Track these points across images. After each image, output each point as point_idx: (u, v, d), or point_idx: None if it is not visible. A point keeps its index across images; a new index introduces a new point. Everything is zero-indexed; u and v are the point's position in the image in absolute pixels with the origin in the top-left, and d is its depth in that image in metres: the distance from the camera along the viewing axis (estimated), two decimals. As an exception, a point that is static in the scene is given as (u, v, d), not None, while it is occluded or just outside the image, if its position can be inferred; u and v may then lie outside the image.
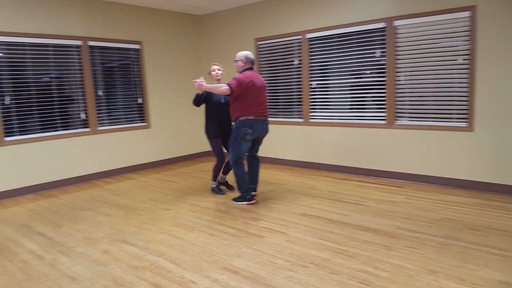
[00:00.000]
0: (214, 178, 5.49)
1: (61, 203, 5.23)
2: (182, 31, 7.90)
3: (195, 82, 4.65)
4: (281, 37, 6.92)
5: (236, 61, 4.91)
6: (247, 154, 5.08)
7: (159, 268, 3.24)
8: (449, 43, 5.22)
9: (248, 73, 4.76)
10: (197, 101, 5.14)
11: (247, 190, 4.92)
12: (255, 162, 5.16)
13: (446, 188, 5.34)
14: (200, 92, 5.08)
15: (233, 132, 4.84)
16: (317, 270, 3.11)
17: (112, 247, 3.70)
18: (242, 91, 4.65)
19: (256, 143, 5.02)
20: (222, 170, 5.51)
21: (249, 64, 4.87)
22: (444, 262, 3.20)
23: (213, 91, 4.63)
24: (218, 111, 5.19)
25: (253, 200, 4.96)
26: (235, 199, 5.04)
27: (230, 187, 5.67)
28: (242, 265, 3.24)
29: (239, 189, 4.95)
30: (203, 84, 4.63)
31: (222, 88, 4.57)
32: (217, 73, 5.18)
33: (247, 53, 4.86)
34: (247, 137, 4.75)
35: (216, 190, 5.48)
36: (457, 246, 3.49)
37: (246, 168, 5.05)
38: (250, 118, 4.73)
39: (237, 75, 4.73)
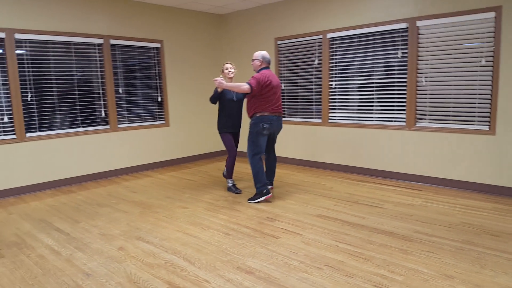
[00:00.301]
0: (229, 175, 5.55)
1: (80, 199, 5.30)
2: (203, 30, 7.93)
3: (216, 80, 4.77)
4: (302, 36, 6.88)
5: (253, 60, 5.09)
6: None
7: (173, 266, 3.25)
8: (473, 44, 5.11)
9: (265, 72, 4.95)
10: (214, 98, 5.26)
11: (264, 185, 5.01)
12: (272, 159, 5.34)
13: (466, 192, 5.24)
14: (219, 90, 5.18)
15: (250, 128, 5.00)
16: (332, 273, 3.08)
17: (127, 244, 3.73)
18: (260, 89, 4.84)
19: (271, 138, 5.22)
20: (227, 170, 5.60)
21: (266, 64, 5.06)
22: (461, 268, 3.13)
23: (234, 89, 4.83)
24: (230, 108, 5.35)
25: (269, 193, 5.03)
26: (251, 199, 5.07)
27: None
28: (257, 266, 3.23)
29: (255, 184, 5.04)
30: (223, 82, 4.79)
31: (243, 86, 4.76)
32: (229, 71, 5.32)
33: (264, 52, 5.07)
34: (264, 132, 4.95)
35: (233, 189, 5.50)
36: (475, 252, 3.41)
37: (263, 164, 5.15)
38: (266, 114, 4.93)
39: (255, 74, 4.95)
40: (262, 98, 4.91)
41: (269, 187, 5.26)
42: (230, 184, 5.55)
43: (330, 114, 6.68)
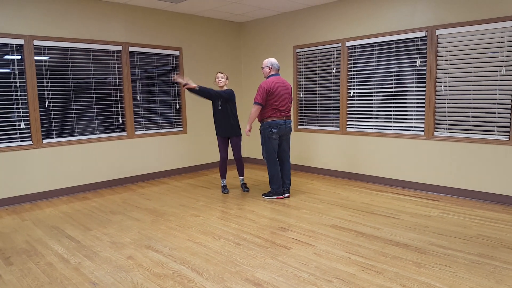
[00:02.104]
0: (221, 176, 5.99)
1: (94, 206, 5.31)
2: (222, 38, 7.92)
3: (247, 133, 5.46)
4: (320, 44, 6.80)
5: (263, 67, 5.43)
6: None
7: (181, 277, 3.19)
8: (493, 53, 4.96)
9: (271, 79, 5.28)
10: (203, 95, 5.43)
11: (279, 186, 5.42)
12: (286, 164, 5.53)
13: (484, 203, 5.07)
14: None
15: (260, 133, 5.41)
16: (342, 286, 2.98)
17: (137, 253, 3.70)
18: (267, 98, 5.21)
19: (283, 140, 5.45)
20: (237, 172, 6.19)
21: (274, 70, 5.38)
22: (475, 282, 2.99)
23: (252, 118, 5.31)
24: (218, 115, 5.70)
25: (282, 195, 5.48)
26: (266, 194, 5.57)
27: (245, 189, 6.01)
28: (265, 277, 3.15)
29: (271, 184, 5.47)
30: (248, 127, 5.43)
31: (253, 110, 5.27)
32: (219, 80, 5.64)
33: (273, 60, 5.38)
34: (274, 136, 5.30)
35: (222, 188, 5.98)
36: (491, 266, 3.27)
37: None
38: (274, 119, 5.27)
39: (262, 82, 5.36)
40: (269, 105, 5.25)
41: (286, 195, 5.53)
42: (221, 184, 5.99)
43: (348, 123, 6.57)
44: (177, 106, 7.30)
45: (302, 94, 7.23)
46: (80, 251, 3.77)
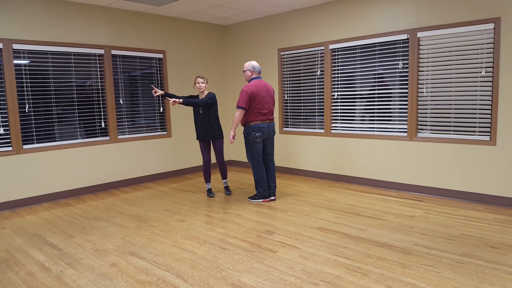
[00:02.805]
0: (205, 180, 5.95)
1: (76, 213, 5.22)
2: (206, 41, 7.87)
3: (229, 140, 5.34)
4: (304, 47, 6.81)
5: (244, 71, 5.40)
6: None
7: (165, 283, 3.14)
8: (473, 55, 5.03)
9: (253, 82, 5.26)
10: (191, 105, 5.43)
11: (265, 190, 5.41)
12: (270, 166, 5.51)
13: (467, 202, 5.13)
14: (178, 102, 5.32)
15: (244, 137, 5.38)
16: (329, 290, 2.96)
17: (120, 260, 3.63)
18: (249, 102, 5.17)
19: (267, 143, 5.42)
20: (221, 175, 6.05)
21: (256, 74, 5.36)
22: (460, 282, 3.01)
23: (236, 122, 5.21)
24: (199, 119, 5.67)
25: (268, 198, 5.47)
26: (252, 197, 5.53)
27: (227, 192, 5.97)
28: (251, 282, 3.12)
29: (256, 188, 5.45)
30: (232, 133, 5.30)
31: (237, 113, 5.18)
32: (200, 86, 5.56)
33: (254, 63, 5.36)
34: (257, 140, 5.27)
35: (207, 192, 5.93)
36: (474, 265, 3.31)
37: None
38: (257, 123, 5.24)
39: (244, 85, 5.32)
40: (252, 109, 5.22)
41: (272, 198, 5.52)
42: (206, 188, 5.95)
43: (333, 125, 6.58)
44: (161, 110, 7.23)
45: (287, 96, 7.22)
46: (62, 259, 3.69)
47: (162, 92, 5.60)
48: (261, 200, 5.47)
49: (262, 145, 5.38)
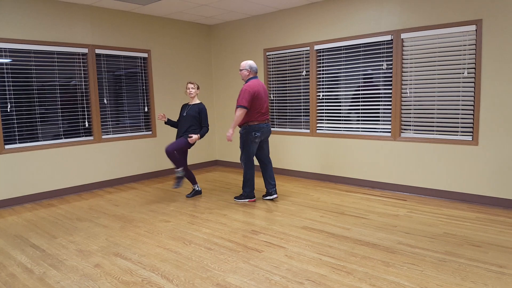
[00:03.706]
0: (178, 165, 5.50)
1: (59, 213, 5.15)
2: (192, 41, 7.84)
3: (228, 138, 5.17)
4: (290, 48, 6.83)
5: (241, 70, 5.30)
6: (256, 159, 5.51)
7: (150, 284, 3.12)
8: (455, 56, 5.10)
9: (252, 82, 5.18)
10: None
11: (251, 190, 5.41)
12: (268, 165, 5.49)
13: (450, 202, 5.20)
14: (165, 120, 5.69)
15: (241, 137, 5.28)
16: (313, 287, 2.98)
17: (104, 261, 3.60)
18: (252, 101, 5.10)
19: (264, 143, 5.43)
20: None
21: (253, 73, 5.28)
22: (442, 280, 3.06)
23: (237, 122, 5.11)
24: (182, 121, 5.63)
25: (253, 198, 5.48)
26: (238, 197, 5.52)
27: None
28: (237, 282, 3.12)
29: (244, 187, 5.42)
30: (231, 131, 5.13)
31: (238, 113, 5.07)
32: (190, 92, 5.58)
33: (251, 62, 5.27)
34: (256, 140, 5.24)
35: (178, 179, 5.52)
36: (457, 263, 3.36)
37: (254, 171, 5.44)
38: (256, 123, 5.19)
39: (244, 85, 5.18)
40: (253, 109, 5.14)
41: (275, 195, 5.47)
42: (180, 175, 5.50)
43: (318, 125, 6.61)
44: (146, 109, 7.18)
45: (273, 96, 7.23)
46: (45, 260, 3.64)
47: (166, 119, 5.74)
48: (247, 200, 5.47)
49: (259, 145, 5.38)
